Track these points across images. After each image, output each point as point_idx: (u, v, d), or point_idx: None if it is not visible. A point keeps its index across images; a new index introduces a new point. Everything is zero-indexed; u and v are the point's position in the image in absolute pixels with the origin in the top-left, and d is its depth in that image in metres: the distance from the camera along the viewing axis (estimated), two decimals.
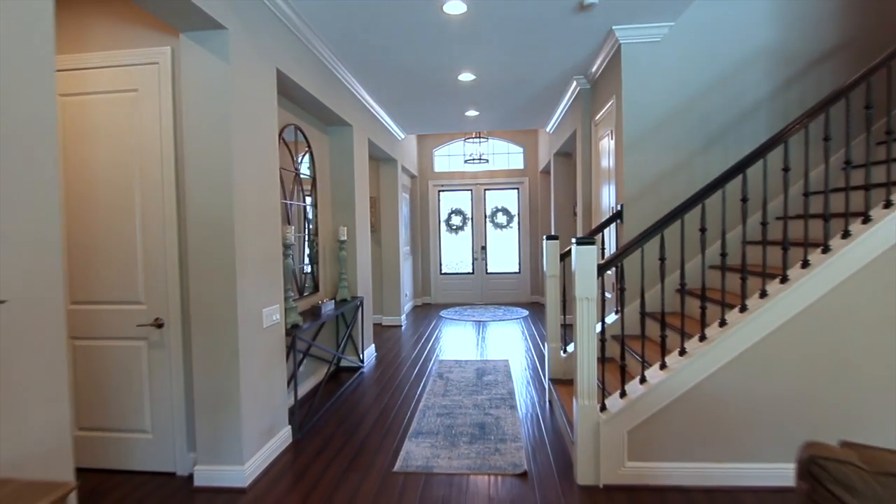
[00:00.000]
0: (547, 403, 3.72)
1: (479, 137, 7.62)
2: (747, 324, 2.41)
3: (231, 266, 2.49)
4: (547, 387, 3.84)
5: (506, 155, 8.87)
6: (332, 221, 4.74)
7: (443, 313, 7.89)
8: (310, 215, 4.21)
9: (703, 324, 2.52)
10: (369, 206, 5.62)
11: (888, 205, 2.39)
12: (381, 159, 6.76)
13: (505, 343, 5.75)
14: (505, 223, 8.97)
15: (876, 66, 2.40)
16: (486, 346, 5.60)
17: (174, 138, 2.60)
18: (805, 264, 2.43)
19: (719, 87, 3.58)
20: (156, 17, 2.47)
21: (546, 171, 8.23)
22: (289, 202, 3.73)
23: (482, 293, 8.94)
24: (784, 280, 2.45)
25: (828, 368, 2.39)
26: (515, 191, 8.93)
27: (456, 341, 5.90)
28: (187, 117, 2.48)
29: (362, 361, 4.85)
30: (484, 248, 8.95)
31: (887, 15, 3.43)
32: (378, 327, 6.87)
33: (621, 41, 3.60)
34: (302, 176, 4.04)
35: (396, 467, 2.75)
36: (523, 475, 2.64)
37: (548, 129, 6.86)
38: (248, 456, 2.60)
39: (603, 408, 2.55)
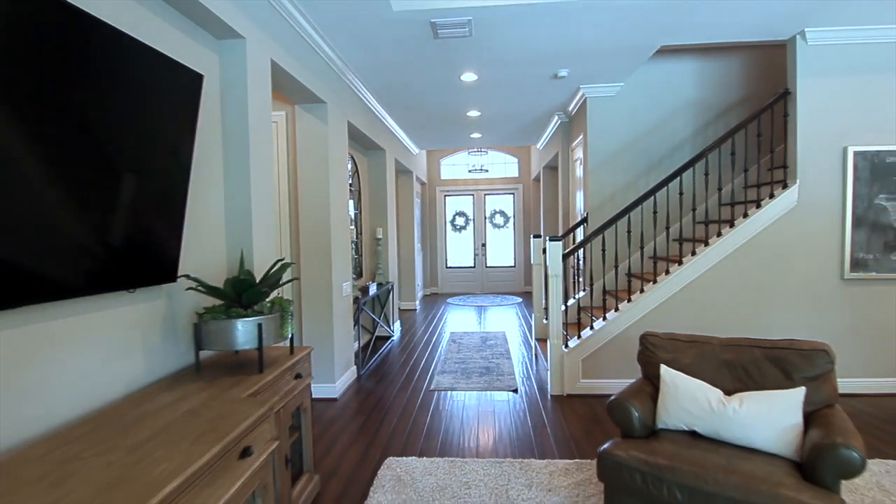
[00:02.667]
0: (533, 356, 5.13)
1: (480, 151, 9.03)
2: (656, 290, 3.83)
3: (328, 255, 3.89)
4: (533, 345, 5.25)
5: (503, 164, 10.27)
6: (370, 223, 6.13)
7: (449, 300, 9.30)
8: (357, 219, 5.60)
9: (629, 292, 3.94)
10: (396, 211, 7.00)
11: (745, 215, 3.81)
12: (400, 171, 8.15)
13: (502, 321, 7.16)
14: (502, 224, 10.37)
15: (747, 120, 3.82)
16: (487, 323, 7.02)
17: (287, 172, 3.99)
18: (693, 253, 3.86)
19: (657, 129, 4.98)
20: (279, 94, 3.86)
21: (537, 180, 9.63)
22: (350, 211, 5.12)
23: (482, 284, 10.35)
24: (680, 263, 3.86)
25: (704, 313, 3.80)
26: (511, 196, 10.33)
27: (463, 320, 7.31)
28: (301, 158, 3.87)
29: (392, 332, 6.25)
30: (484, 245, 10.36)
31: (770, 79, 4.83)
32: (397, 311, 8.27)
33: (587, 95, 5.01)
34: (351, 189, 5.43)
35: (431, 387, 4.16)
36: (515, 391, 4.05)
37: (538, 146, 8.27)
38: (337, 378, 4.01)
39: (566, 345, 3.96)
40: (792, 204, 3.78)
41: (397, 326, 6.64)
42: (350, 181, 5.36)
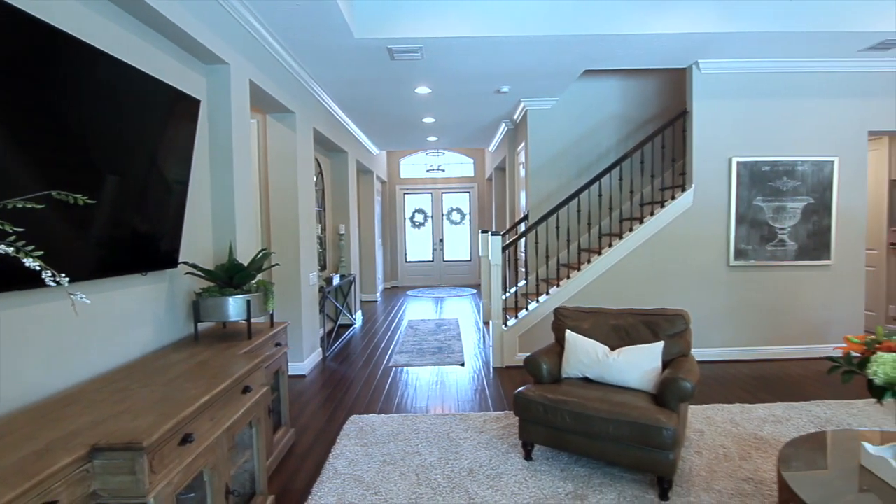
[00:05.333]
0: (481, 337, 5.79)
1: (437, 152, 9.63)
2: (580, 276, 4.55)
3: (297, 247, 4.39)
4: (481, 328, 5.90)
5: (459, 165, 10.90)
6: (333, 219, 6.62)
7: (409, 293, 9.86)
8: (321, 216, 6.08)
9: (558, 279, 4.64)
10: (357, 208, 7.50)
11: (652, 213, 4.57)
12: (361, 171, 8.63)
13: (457, 309, 7.80)
14: (459, 220, 11.02)
15: (653, 134, 4.57)
16: (443, 311, 7.64)
17: (259, 173, 4.45)
18: (610, 245, 4.59)
19: (587, 138, 5.72)
20: (254, 105, 4.31)
21: (490, 180, 10.31)
22: (315, 208, 5.60)
23: (440, 277, 10.98)
24: (599, 254, 4.59)
25: (619, 294, 4.55)
26: (467, 194, 10.99)
27: (420, 309, 7.90)
28: (272, 162, 4.34)
29: (354, 320, 6.77)
30: (442, 240, 10.97)
31: (680, 98, 5.64)
32: (360, 302, 8.76)
33: (527, 107, 5.68)
34: (316, 189, 5.90)
35: (390, 364, 4.73)
36: (462, 365, 4.68)
37: (490, 149, 8.95)
38: (305, 357, 4.51)
39: (505, 325, 4.62)
40: (688, 204, 4.57)
41: (359, 316, 7.16)
42: (315, 181, 5.83)
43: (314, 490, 2.47)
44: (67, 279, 1.22)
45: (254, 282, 2.71)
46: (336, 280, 5.75)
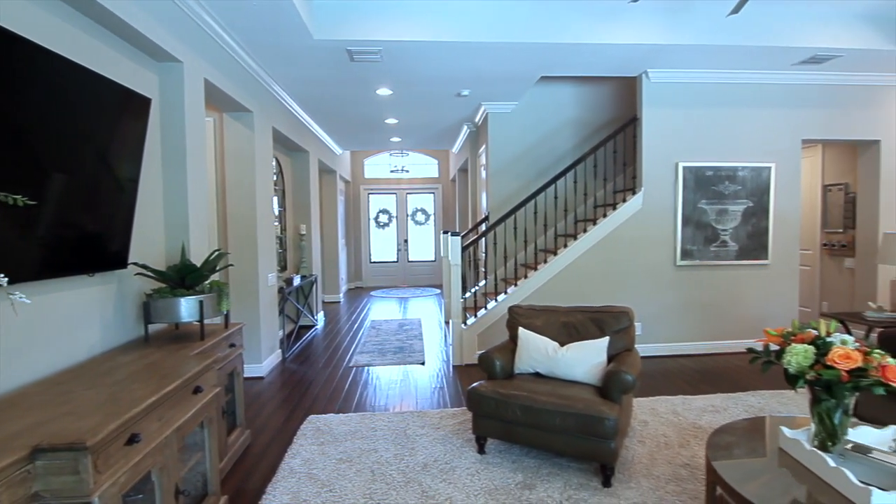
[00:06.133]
0: (442, 336, 5.87)
1: (402, 153, 9.65)
2: (538, 276, 4.69)
3: (254, 248, 4.35)
4: (443, 327, 5.98)
5: (424, 165, 10.96)
6: (294, 220, 6.55)
7: (373, 293, 9.85)
8: (281, 216, 6.02)
9: (516, 278, 4.77)
10: (319, 208, 7.45)
11: (605, 215, 4.76)
12: (324, 171, 8.57)
13: (420, 309, 7.86)
14: (423, 221, 11.08)
15: (605, 140, 4.76)
16: (407, 312, 7.68)
17: (216, 172, 4.38)
18: (565, 246, 4.75)
19: (545, 141, 5.89)
20: (210, 104, 4.24)
21: (454, 181, 10.43)
22: (275, 208, 5.54)
23: (405, 277, 11.00)
24: (555, 254, 4.75)
25: (573, 293, 4.71)
26: (432, 195, 11.06)
27: (384, 310, 7.92)
28: (229, 161, 4.29)
29: (316, 321, 6.72)
30: (406, 241, 11.01)
31: (633, 104, 5.89)
32: (322, 303, 8.69)
33: (488, 111, 5.80)
34: (276, 188, 5.84)
35: (350, 364, 4.74)
36: (423, 363, 4.75)
37: (454, 150, 9.05)
38: (264, 359, 4.47)
39: (465, 324, 4.72)
40: (638, 207, 4.79)
41: (321, 317, 7.11)
42: (275, 180, 5.77)
43: (268, 490, 2.48)
44: (6, 279, 1.21)
45: (207, 282, 2.69)
46: (297, 281, 5.71)
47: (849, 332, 4.17)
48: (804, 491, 1.78)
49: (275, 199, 5.57)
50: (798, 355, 1.88)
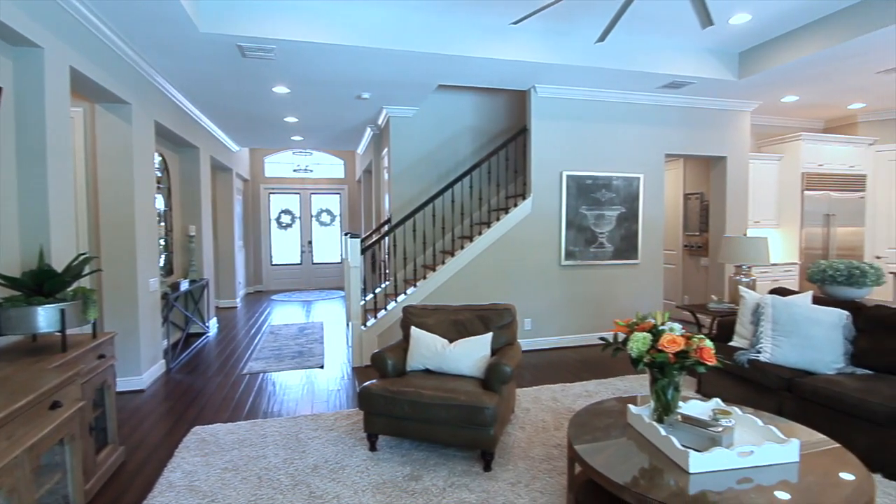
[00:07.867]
0: (345, 338, 5.85)
1: (305, 152, 9.41)
2: (436, 276, 4.86)
3: (132, 251, 4.03)
4: (345, 328, 5.95)
5: (330, 166, 10.77)
6: (182, 220, 6.14)
7: (274, 297, 9.48)
8: (166, 216, 5.61)
9: (415, 279, 4.91)
10: (212, 208, 7.03)
11: (498, 218, 5.06)
12: (218, 168, 8.10)
13: (323, 313, 7.73)
14: (329, 222, 10.88)
15: (497, 149, 5.04)
16: (310, 315, 7.51)
17: (85, 169, 4.01)
18: (462, 248, 4.98)
19: (445, 147, 6.10)
20: (79, 94, 3.87)
21: (360, 182, 10.37)
22: (158, 208, 5.15)
23: (309, 280, 10.72)
24: (453, 255, 4.96)
25: (470, 292, 4.96)
26: (338, 195, 10.89)
27: (285, 314, 7.68)
28: (102, 156, 3.94)
29: (207, 328, 6.35)
30: (311, 242, 10.73)
31: (522, 114, 6.32)
32: (216, 309, 8.20)
33: (389, 114, 5.89)
34: (160, 187, 5.45)
35: (244, 372, 4.57)
36: (322, 367, 4.71)
37: (359, 152, 9.01)
38: (144, 369, 4.16)
39: (364, 325, 4.76)
40: (528, 212, 5.15)
41: (213, 323, 6.73)
42: (160, 178, 5.38)
43: None
44: None
45: (70, 289, 2.49)
46: (184, 285, 5.36)
47: (698, 322, 4.82)
48: (644, 458, 2.08)
49: (159, 197, 5.19)
50: (638, 342, 2.20)
